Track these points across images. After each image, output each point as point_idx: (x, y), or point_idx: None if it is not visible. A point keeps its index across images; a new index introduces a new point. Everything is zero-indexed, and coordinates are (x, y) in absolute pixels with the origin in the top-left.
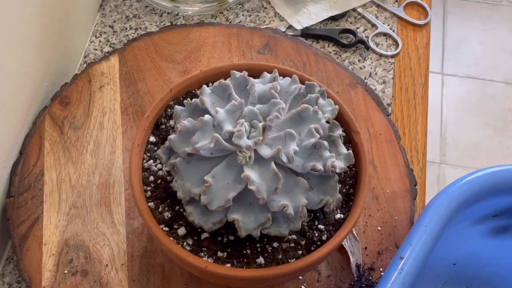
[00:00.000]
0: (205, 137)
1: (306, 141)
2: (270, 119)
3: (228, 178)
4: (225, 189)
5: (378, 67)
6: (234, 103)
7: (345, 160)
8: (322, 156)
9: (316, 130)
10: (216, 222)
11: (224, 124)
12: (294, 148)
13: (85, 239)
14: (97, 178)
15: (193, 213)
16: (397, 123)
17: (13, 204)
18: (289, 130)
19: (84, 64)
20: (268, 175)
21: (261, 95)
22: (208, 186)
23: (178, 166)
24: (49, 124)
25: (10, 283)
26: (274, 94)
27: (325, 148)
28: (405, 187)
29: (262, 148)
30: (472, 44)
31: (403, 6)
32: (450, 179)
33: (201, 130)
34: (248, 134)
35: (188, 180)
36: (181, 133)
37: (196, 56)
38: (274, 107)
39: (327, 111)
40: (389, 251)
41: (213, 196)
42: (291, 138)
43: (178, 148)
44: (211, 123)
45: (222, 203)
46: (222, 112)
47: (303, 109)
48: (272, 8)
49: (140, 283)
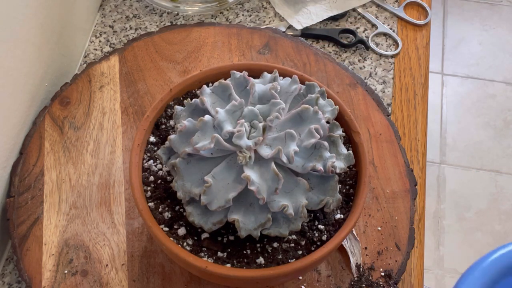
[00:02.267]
0: (205, 138)
1: (306, 142)
2: (270, 119)
3: (228, 179)
4: (225, 190)
5: (378, 67)
6: (234, 103)
7: (345, 160)
8: (322, 157)
9: (316, 130)
10: (216, 223)
11: (224, 124)
12: (294, 148)
13: (85, 239)
14: (97, 178)
15: (193, 213)
16: (397, 123)
17: (13, 204)
18: (289, 130)
19: (84, 64)
20: (268, 175)
21: (261, 95)
22: (208, 186)
23: (178, 166)
24: (49, 124)
25: (10, 283)
26: (274, 94)
27: (325, 149)
28: (405, 187)
29: (262, 148)
30: (472, 44)
31: (403, 6)
32: (450, 179)
33: (201, 130)
34: (248, 134)
35: (188, 180)
36: (181, 133)
37: (196, 56)
38: (274, 107)
39: (327, 112)
40: (389, 251)
41: (213, 196)
42: (291, 139)
43: (178, 148)
44: (211, 123)
45: (222, 203)
46: (222, 112)
47: (303, 110)
48: (272, 8)
49: (140, 283)
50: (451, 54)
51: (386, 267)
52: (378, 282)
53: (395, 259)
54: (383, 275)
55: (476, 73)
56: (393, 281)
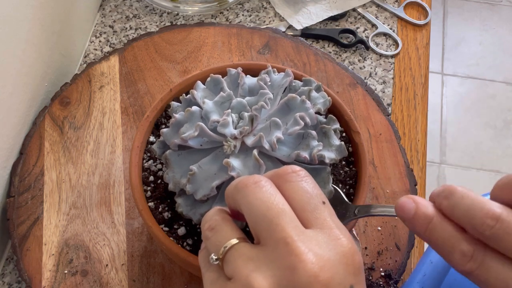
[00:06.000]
0: (192, 128)
1: (292, 129)
2: (255, 108)
3: (214, 168)
4: (211, 178)
5: (378, 67)
6: (223, 95)
7: (337, 151)
8: (309, 145)
9: (302, 118)
10: (203, 214)
11: (211, 114)
12: (278, 135)
13: (85, 239)
14: (97, 178)
15: (182, 204)
16: (397, 123)
17: (13, 204)
18: (274, 118)
19: (84, 64)
20: (251, 162)
21: (251, 87)
22: (192, 174)
23: (168, 158)
24: (49, 124)
25: (10, 283)
26: (262, 85)
27: (313, 138)
28: (405, 187)
29: (249, 138)
30: (472, 44)
31: (403, 6)
32: (450, 179)
33: (189, 121)
34: (236, 124)
35: (178, 171)
36: (172, 126)
37: (196, 56)
38: (261, 98)
39: (319, 103)
40: (389, 251)
41: (198, 185)
42: (276, 127)
43: (169, 140)
44: (198, 114)
45: (206, 191)
46: (209, 103)
47: (290, 99)
48: (272, 8)
49: (140, 283)
50: (451, 54)
51: (386, 267)
52: (378, 282)
53: (395, 259)
54: (383, 275)
55: (476, 73)
56: (393, 281)
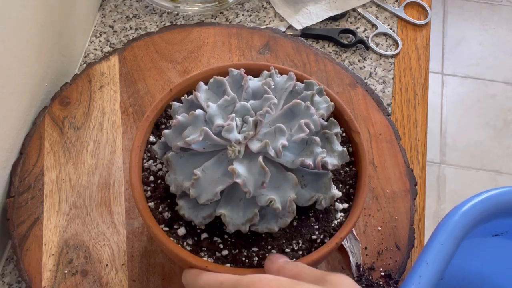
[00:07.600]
0: (196, 131)
1: (296, 136)
2: (260, 114)
3: (217, 173)
4: (215, 183)
5: (378, 67)
6: (227, 98)
7: (339, 157)
8: (313, 152)
9: (307, 125)
10: (206, 217)
11: (215, 118)
12: (283, 142)
13: (85, 239)
14: (97, 178)
15: (184, 206)
16: (397, 123)
17: (13, 204)
18: (279, 125)
19: (84, 64)
20: (255, 169)
21: (255, 91)
22: (197, 179)
23: (170, 160)
24: (49, 124)
25: (10, 283)
26: (267, 90)
27: (317, 144)
28: (405, 187)
29: (253, 143)
30: (472, 44)
31: (403, 6)
32: (450, 179)
33: (193, 124)
34: (240, 129)
35: (181, 174)
36: (174, 128)
37: (196, 56)
38: (266, 102)
39: (322, 108)
40: (389, 251)
41: (201, 190)
42: (281, 133)
43: (171, 142)
44: (202, 117)
45: (210, 196)
46: (213, 107)
47: (295, 105)
48: (272, 8)
49: (140, 283)
50: (451, 54)
51: (386, 267)
52: (378, 282)
53: (395, 259)
54: (383, 275)
55: (476, 73)
56: (393, 281)
